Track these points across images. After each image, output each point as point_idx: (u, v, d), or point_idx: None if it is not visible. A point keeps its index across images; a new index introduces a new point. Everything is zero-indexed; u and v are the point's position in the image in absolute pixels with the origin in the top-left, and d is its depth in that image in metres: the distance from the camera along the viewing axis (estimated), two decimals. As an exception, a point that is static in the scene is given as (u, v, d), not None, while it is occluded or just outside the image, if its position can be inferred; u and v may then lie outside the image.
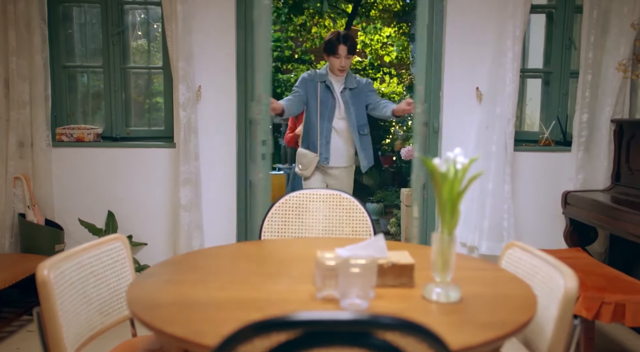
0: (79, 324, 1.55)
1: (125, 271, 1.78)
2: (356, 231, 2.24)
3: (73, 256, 1.59)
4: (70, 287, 1.54)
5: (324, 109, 3.44)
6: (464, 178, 1.36)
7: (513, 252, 1.78)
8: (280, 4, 9.63)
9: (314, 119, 3.44)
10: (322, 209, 2.26)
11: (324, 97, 3.45)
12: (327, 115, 3.44)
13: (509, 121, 3.37)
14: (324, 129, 3.43)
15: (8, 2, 3.28)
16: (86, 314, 1.60)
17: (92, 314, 1.63)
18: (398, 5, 10.55)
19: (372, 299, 1.40)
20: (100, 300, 1.67)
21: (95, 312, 1.64)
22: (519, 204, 3.56)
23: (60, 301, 1.45)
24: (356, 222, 2.25)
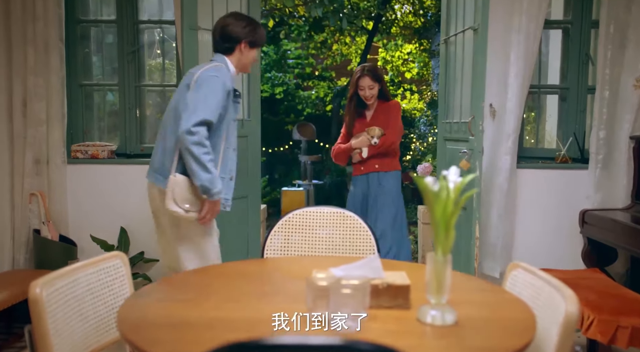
0: (73, 342, 1.54)
1: (123, 288, 1.77)
2: (360, 250, 2.21)
3: (69, 274, 1.59)
4: (65, 305, 1.53)
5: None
6: (459, 197, 1.32)
7: (517, 274, 1.73)
8: (301, 21, 9.73)
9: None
10: (325, 228, 2.24)
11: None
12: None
13: (509, 137, 3.32)
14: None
15: (27, 23, 3.36)
16: (82, 332, 1.59)
17: (88, 332, 1.62)
18: (419, 22, 10.56)
19: (365, 320, 1.37)
20: (97, 318, 1.66)
21: (91, 331, 1.64)
22: (534, 222, 3.48)
23: (53, 319, 1.45)
24: (360, 241, 2.22)
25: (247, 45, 2.47)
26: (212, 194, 2.26)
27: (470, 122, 2.92)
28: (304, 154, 8.69)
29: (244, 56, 2.49)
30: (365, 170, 3.34)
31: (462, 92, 3.17)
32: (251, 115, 3.51)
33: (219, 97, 2.29)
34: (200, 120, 2.21)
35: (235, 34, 2.46)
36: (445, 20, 3.49)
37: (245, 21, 2.50)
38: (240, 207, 3.42)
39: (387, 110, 3.33)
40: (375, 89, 3.28)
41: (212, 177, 2.23)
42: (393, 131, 3.28)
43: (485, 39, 2.82)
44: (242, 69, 2.55)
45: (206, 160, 2.21)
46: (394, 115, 3.31)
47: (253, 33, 2.48)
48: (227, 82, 2.35)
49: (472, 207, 2.87)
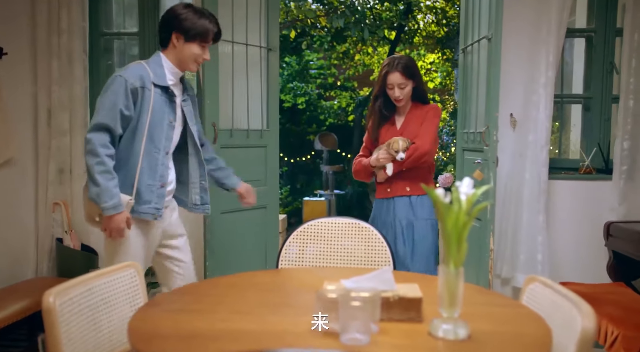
0: (86, 351, 1.55)
1: (137, 298, 1.78)
2: (375, 261, 2.19)
3: (83, 283, 1.61)
4: (79, 314, 1.55)
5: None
6: (471, 209, 1.30)
7: (534, 287, 1.69)
8: (323, 32, 9.77)
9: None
10: (340, 238, 2.24)
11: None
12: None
13: (542, 148, 3.25)
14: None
15: (53, 36, 3.44)
16: (95, 341, 1.60)
17: (101, 341, 1.63)
18: (442, 31, 10.52)
19: (375, 334, 1.35)
20: (111, 328, 1.67)
21: (105, 340, 1.65)
22: (557, 235, 3.40)
23: (66, 328, 1.46)
24: (375, 252, 2.21)
25: (180, 37, 2.19)
26: (101, 209, 2.09)
27: (484, 132, 2.88)
28: (326, 164, 8.71)
29: (179, 51, 2.21)
30: (392, 192, 2.65)
31: (479, 102, 3.14)
32: (270, 125, 3.52)
33: (116, 97, 2.10)
34: (94, 125, 2.09)
35: (166, 23, 2.22)
36: (463, 30, 3.46)
37: (187, 11, 2.20)
38: (259, 217, 3.44)
39: (423, 116, 2.65)
40: (408, 87, 2.61)
41: (99, 190, 2.06)
42: (426, 138, 2.59)
43: (499, 48, 2.79)
44: (181, 65, 2.26)
45: (95, 171, 2.06)
46: (430, 120, 2.64)
47: (189, 23, 2.18)
48: (132, 79, 2.12)
49: (487, 219, 2.82)
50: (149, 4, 3.64)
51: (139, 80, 2.14)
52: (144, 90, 2.14)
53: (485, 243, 2.87)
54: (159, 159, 2.20)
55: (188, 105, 2.34)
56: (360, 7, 8.59)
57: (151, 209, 2.20)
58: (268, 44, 3.49)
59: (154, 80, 2.17)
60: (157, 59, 2.24)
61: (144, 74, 2.16)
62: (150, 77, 2.17)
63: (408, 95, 2.64)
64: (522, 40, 3.35)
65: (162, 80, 2.19)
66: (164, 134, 2.21)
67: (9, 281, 3.28)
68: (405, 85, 2.60)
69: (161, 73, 2.20)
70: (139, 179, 2.17)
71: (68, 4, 3.41)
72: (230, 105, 3.31)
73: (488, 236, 2.85)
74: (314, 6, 8.77)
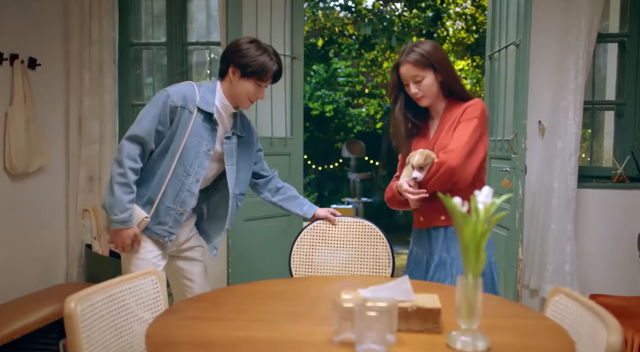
0: None
1: (158, 305, 1.79)
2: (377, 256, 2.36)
3: (105, 289, 1.63)
4: (100, 320, 1.56)
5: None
6: (489, 218, 1.27)
7: (559, 299, 1.64)
8: (351, 40, 9.79)
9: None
10: (345, 236, 2.40)
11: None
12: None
13: (571, 156, 3.17)
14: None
15: (84, 47, 3.54)
16: (116, 347, 1.62)
17: (122, 347, 1.65)
18: (472, 38, 10.42)
19: (392, 345, 1.33)
20: (132, 334, 1.69)
21: (126, 346, 1.66)
22: (588, 245, 3.30)
23: (87, 333, 1.48)
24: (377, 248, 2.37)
25: (237, 72, 2.09)
26: (110, 220, 2.04)
27: (512, 139, 2.82)
28: (354, 171, 8.70)
29: (234, 85, 2.12)
30: (426, 222, 2.10)
31: (506, 109, 3.08)
32: (294, 133, 3.53)
33: (154, 111, 2.06)
34: (129, 135, 2.05)
35: (226, 55, 2.14)
36: (490, 36, 3.41)
37: (250, 46, 2.10)
38: (282, 225, 3.44)
39: (458, 117, 2.01)
40: (428, 80, 2.00)
41: (113, 201, 2.02)
42: (457, 148, 1.92)
43: (528, 54, 2.73)
44: (234, 100, 2.16)
45: (115, 182, 2.02)
46: (465, 122, 1.97)
47: (248, 59, 2.07)
48: (175, 97, 2.06)
49: (515, 228, 2.76)
50: (176, 15, 3.71)
51: (182, 100, 2.07)
52: (184, 111, 2.08)
53: (513, 253, 2.80)
54: (186, 184, 2.13)
55: (230, 144, 2.21)
56: (388, 15, 8.58)
57: (164, 232, 2.16)
58: (292, 52, 3.51)
59: (199, 104, 2.09)
60: (212, 86, 2.16)
61: (189, 94, 2.09)
62: (196, 100, 2.09)
63: (431, 90, 2.02)
64: (551, 45, 3.29)
65: (207, 106, 2.11)
66: (198, 161, 2.12)
67: (41, 286, 3.37)
68: (421, 77, 2.00)
69: (209, 99, 2.12)
70: (161, 198, 2.12)
71: (99, 16, 3.50)
72: (254, 113, 3.33)
73: (516, 246, 2.78)
74: (341, 14, 8.80)
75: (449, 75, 2.04)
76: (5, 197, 3.15)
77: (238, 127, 2.24)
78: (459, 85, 2.07)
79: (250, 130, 2.32)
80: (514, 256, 2.77)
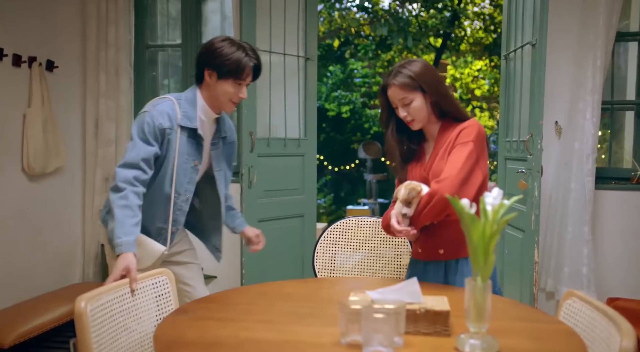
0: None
1: (169, 304, 1.81)
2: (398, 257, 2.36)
3: (116, 288, 1.64)
4: (110, 319, 1.58)
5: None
6: (498, 220, 1.26)
7: (572, 303, 1.61)
8: (367, 40, 9.77)
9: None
10: (367, 236, 2.42)
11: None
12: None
13: (589, 157, 3.11)
14: None
15: (101, 50, 3.58)
16: (126, 346, 1.63)
17: (132, 346, 1.66)
18: (490, 38, 10.33)
19: (399, 348, 1.32)
20: (142, 333, 1.70)
21: (136, 345, 1.67)
22: (606, 247, 3.24)
23: (96, 332, 1.49)
24: (397, 245, 2.38)
25: (213, 74, 1.96)
26: (113, 245, 1.84)
27: (527, 140, 2.78)
28: (370, 172, 8.69)
29: (213, 89, 1.99)
30: (423, 254, 1.98)
31: (522, 110, 3.04)
32: (307, 134, 3.53)
33: (139, 136, 1.93)
34: (121, 163, 1.91)
35: (199, 58, 2.01)
36: (506, 36, 3.37)
37: (222, 44, 1.96)
38: (296, 226, 3.44)
39: (452, 140, 1.88)
40: (417, 102, 1.89)
41: (114, 225, 1.83)
42: (450, 176, 1.78)
43: (544, 54, 2.69)
44: (216, 105, 2.04)
45: (116, 206, 1.84)
46: (459, 146, 1.84)
47: (222, 59, 1.93)
48: (160, 119, 1.94)
49: (531, 230, 2.72)
50: (191, 16, 3.74)
51: (167, 120, 1.96)
52: (171, 132, 1.97)
53: (529, 255, 2.77)
54: (177, 204, 2.05)
55: (217, 149, 2.14)
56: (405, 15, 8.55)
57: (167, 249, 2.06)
58: (306, 53, 3.51)
59: (181, 122, 1.98)
60: (192, 96, 2.03)
61: (172, 113, 1.98)
62: (178, 118, 1.98)
63: (421, 113, 1.90)
64: (568, 44, 3.24)
65: (190, 123, 2.00)
66: (186, 178, 2.04)
67: (57, 285, 3.41)
68: (409, 100, 1.88)
69: (191, 113, 2.01)
70: (152, 221, 2.03)
71: (116, 19, 3.55)
72: (267, 115, 3.34)
73: (532, 248, 2.74)
74: (358, 15, 8.79)
75: (440, 95, 1.90)
76: (23, 198, 3.20)
77: (221, 129, 2.14)
78: (452, 106, 1.93)
79: (230, 127, 2.21)
80: (530, 258, 2.73)
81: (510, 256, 3.19)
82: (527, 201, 2.80)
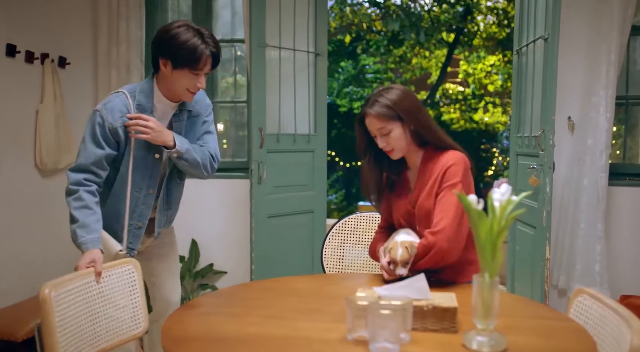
0: (82, 340, 1.65)
1: (135, 293, 1.86)
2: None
3: (81, 277, 1.70)
4: (75, 306, 1.64)
5: None
6: (505, 216, 1.24)
7: (582, 300, 1.59)
8: (379, 36, 9.73)
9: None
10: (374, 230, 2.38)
11: None
12: None
13: (602, 153, 3.07)
14: None
15: (112, 46, 3.60)
16: (91, 331, 1.69)
17: (98, 331, 1.72)
18: (503, 33, 10.24)
19: (406, 344, 1.31)
20: (108, 319, 1.76)
21: (102, 330, 1.73)
22: (619, 245, 3.20)
23: (61, 317, 1.56)
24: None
25: (168, 63, 1.85)
26: (78, 245, 1.83)
27: (539, 136, 2.75)
28: (381, 168, 8.65)
29: (169, 79, 1.89)
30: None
31: (534, 105, 3.01)
32: (317, 130, 3.52)
33: (90, 138, 1.88)
34: (74, 166, 1.89)
35: (154, 46, 1.89)
36: (518, 30, 3.33)
37: (177, 31, 1.84)
38: (306, 222, 3.44)
39: (438, 177, 1.82)
40: (396, 131, 1.81)
41: (75, 227, 1.82)
42: (444, 227, 1.75)
43: (556, 48, 2.66)
44: (173, 96, 1.94)
45: (73, 208, 1.83)
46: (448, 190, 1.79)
47: (177, 48, 1.82)
48: (111, 118, 1.87)
49: (542, 226, 2.69)
50: (202, 13, 3.75)
51: (119, 118, 1.89)
52: (123, 128, 1.90)
53: (540, 252, 2.74)
54: (141, 199, 1.99)
55: (179, 123, 2.01)
56: (417, 10, 8.50)
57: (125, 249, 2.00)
58: (316, 49, 3.50)
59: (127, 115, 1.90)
60: (148, 86, 1.95)
61: (123, 109, 1.90)
62: (132, 111, 1.90)
63: (401, 142, 1.83)
64: (581, 39, 3.19)
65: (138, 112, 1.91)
66: (148, 172, 1.97)
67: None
68: (387, 130, 1.81)
69: (146, 105, 1.93)
70: (117, 219, 1.98)
71: (127, 15, 3.56)
72: (277, 110, 3.33)
73: (543, 244, 2.72)
74: (369, 10, 8.75)
75: (420, 124, 1.83)
76: (35, 193, 3.23)
77: (186, 103, 2.00)
78: (432, 134, 1.85)
79: (199, 100, 2.05)
80: (541, 254, 2.71)
81: (521, 253, 3.16)
82: (538, 197, 2.77)
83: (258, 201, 3.09)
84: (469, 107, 11.49)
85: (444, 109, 11.74)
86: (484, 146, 11.56)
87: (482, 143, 11.60)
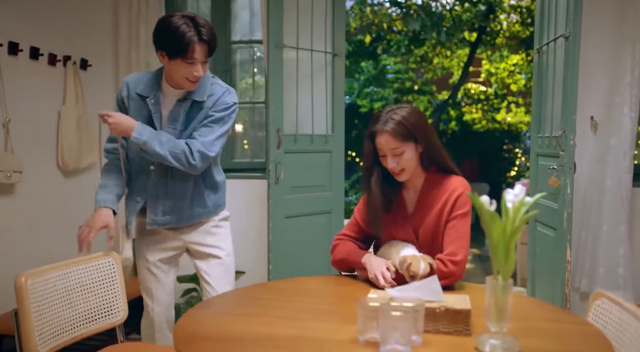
0: (58, 326, 1.77)
1: (114, 284, 2.00)
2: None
3: (60, 268, 1.83)
4: (52, 294, 1.76)
5: None
6: (518, 217, 1.22)
7: (601, 304, 1.56)
8: (400, 36, 9.67)
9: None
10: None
11: None
12: None
13: (626, 154, 3.00)
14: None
15: (132, 48, 3.64)
16: (69, 318, 1.82)
17: (76, 319, 1.85)
18: (527, 32, 10.09)
19: (417, 346, 1.30)
20: (87, 307, 1.89)
21: (80, 318, 1.86)
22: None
23: (36, 304, 1.68)
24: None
25: (164, 54, 1.91)
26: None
27: (560, 136, 2.70)
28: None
29: (168, 69, 1.96)
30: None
31: (554, 105, 2.95)
32: (335, 130, 3.52)
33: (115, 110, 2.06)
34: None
35: (153, 39, 1.95)
36: (539, 28, 3.28)
37: (169, 22, 1.86)
38: (323, 222, 3.44)
39: (447, 203, 1.81)
40: (409, 153, 1.78)
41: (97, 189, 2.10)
42: (464, 259, 1.76)
43: (577, 47, 2.60)
44: (174, 83, 1.99)
45: (101, 173, 2.13)
46: (460, 218, 1.80)
47: (166, 39, 1.86)
48: (122, 87, 2.05)
49: (563, 228, 2.64)
50: (221, 14, 3.78)
51: (125, 89, 2.04)
52: (129, 99, 2.03)
53: (561, 254, 2.69)
54: (137, 173, 2.09)
55: (179, 108, 2.02)
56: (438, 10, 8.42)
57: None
58: (334, 49, 3.49)
59: (135, 89, 2.02)
60: (159, 72, 2.05)
61: (131, 81, 2.04)
62: (141, 87, 2.02)
63: (412, 163, 1.80)
64: (604, 37, 3.12)
65: (143, 90, 2.01)
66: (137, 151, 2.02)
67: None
68: (401, 150, 1.76)
69: (151, 85, 2.01)
70: (129, 190, 2.13)
71: (147, 17, 3.60)
72: (294, 111, 3.33)
73: (564, 247, 2.67)
74: (390, 10, 8.71)
75: (432, 145, 1.80)
76: (58, 193, 3.29)
77: (199, 93, 2.01)
78: (441, 156, 1.83)
79: (209, 92, 2.04)
80: (562, 257, 2.66)
81: (541, 255, 3.11)
82: (559, 198, 2.72)
83: (275, 201, 3.10)
84: (492, 107, 11.36)
85: (466, 109, 11.63)
86: (506, 146, 11.41)
87: (504, 143, 11.45)
